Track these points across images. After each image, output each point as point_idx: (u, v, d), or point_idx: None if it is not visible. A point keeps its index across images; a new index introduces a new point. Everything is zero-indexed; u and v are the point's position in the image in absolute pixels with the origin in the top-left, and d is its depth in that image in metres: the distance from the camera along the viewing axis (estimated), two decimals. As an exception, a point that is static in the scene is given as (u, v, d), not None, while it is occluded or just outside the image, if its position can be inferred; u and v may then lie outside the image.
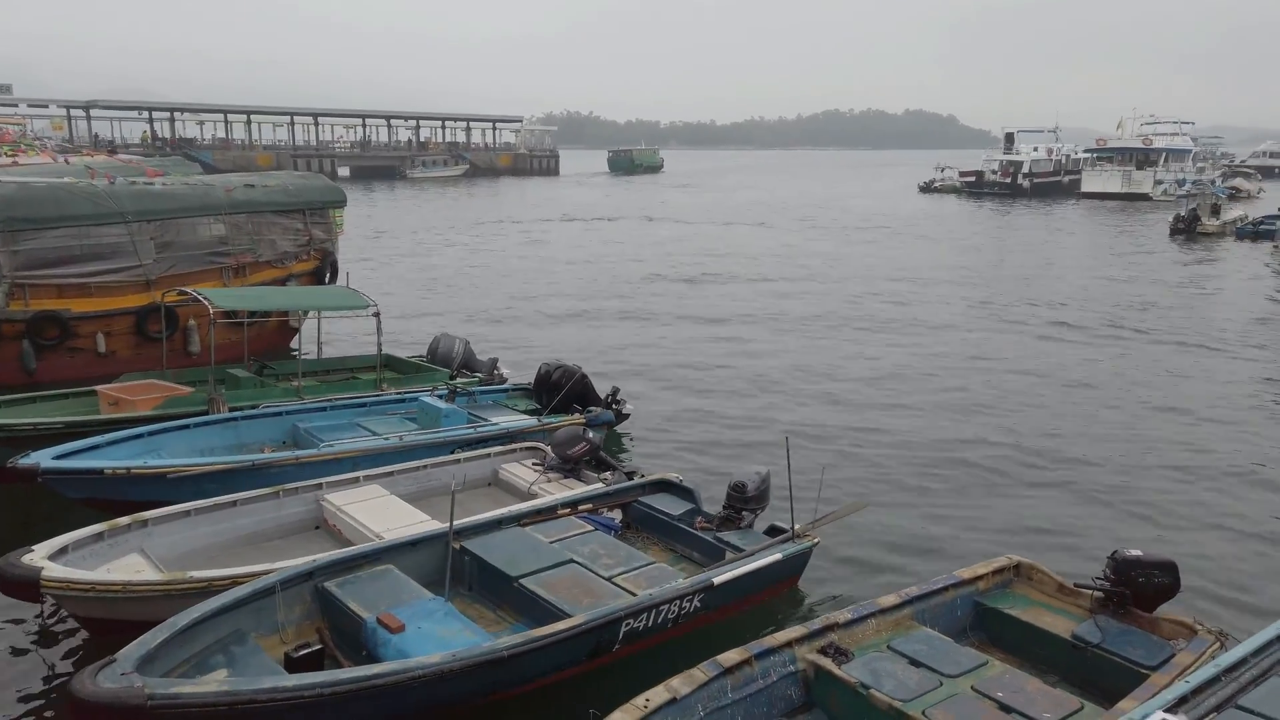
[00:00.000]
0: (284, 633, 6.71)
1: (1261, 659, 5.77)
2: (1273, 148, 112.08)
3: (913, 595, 6.90)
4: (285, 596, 6.74)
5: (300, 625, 6.85)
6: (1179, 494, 11.10)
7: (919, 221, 52.32)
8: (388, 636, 6.18)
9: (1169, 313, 23.57)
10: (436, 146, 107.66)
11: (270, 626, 6.67)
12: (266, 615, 6.68)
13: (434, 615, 6.47)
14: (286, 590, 6.77)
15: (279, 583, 6.72)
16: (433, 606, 6.59)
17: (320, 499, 8.81)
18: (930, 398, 15.27)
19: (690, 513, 8.76)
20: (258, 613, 6.63)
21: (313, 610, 6.93)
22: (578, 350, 18.00)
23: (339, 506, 8.57)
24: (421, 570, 7.39)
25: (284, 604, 6.73)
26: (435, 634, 6.19)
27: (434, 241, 39.06)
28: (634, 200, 68.46)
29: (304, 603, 6.92)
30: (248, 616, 6.56)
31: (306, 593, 6.94)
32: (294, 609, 6.85)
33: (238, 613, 6.48)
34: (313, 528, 8.80)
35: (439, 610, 6.55)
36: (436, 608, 6.58)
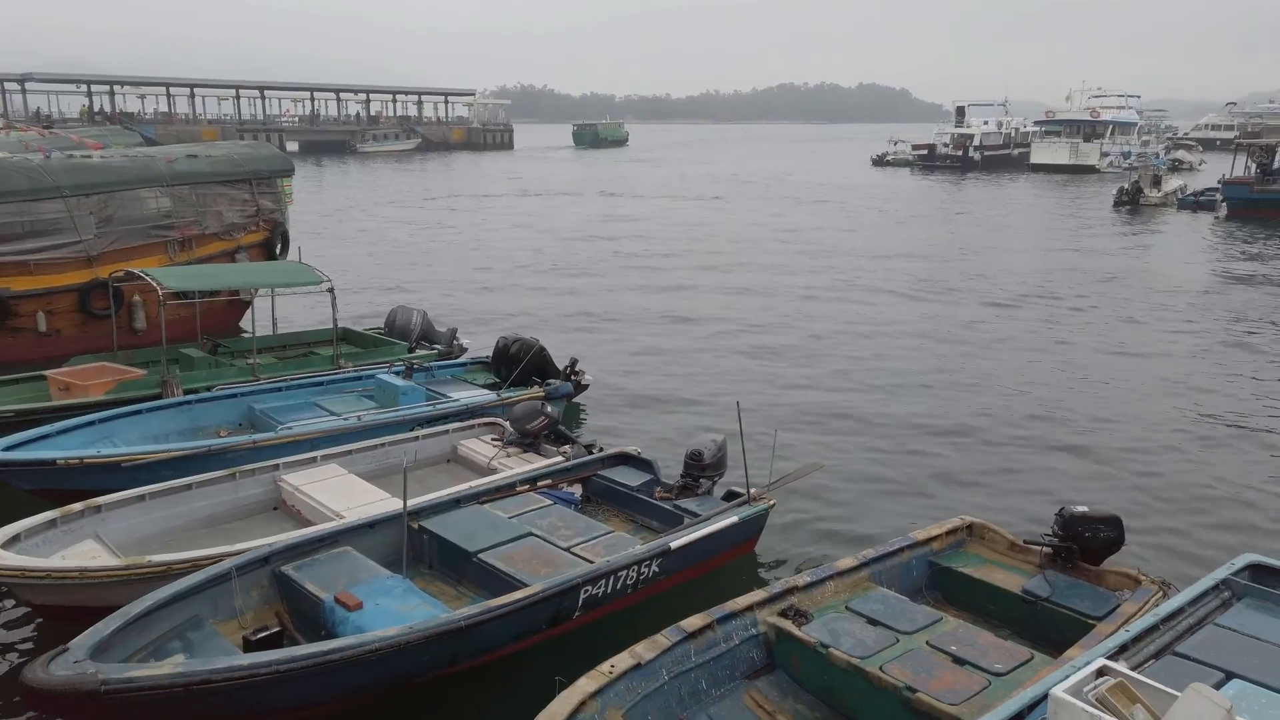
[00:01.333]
0: (242, 618, 6.64)
1: (1198, 608, 6.02)
2: (1215, 120, 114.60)
3: (869, 557, 7.05)
4: (242, 581, 6.68)
5: (259, 610, 6.79)
6: (1123, 454, 11.42)
7: (871, 195, 52.79)
8: (346, 615, 6.16)
9: (1110, 284, 24.13)
10: (388, 120, 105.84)
11: (228, 611, 6.61)
12: (224, 600, 6.61)
13: (392, 592, 6.45)
14: (243, 575, 6.70)
15: (235, 568, 6.65)
16: (391, 584, 6.58)
17: (278, 480, 8.71)
18: (881, 365, 15.51)
19: (649, 483, 8.83)
20: (215, 599, 6.56)
21: (271, 594, 6.88)
22: (538, 322, 17.95)
23: (297, 487, 8.48)
24: (380, 551, 7.36)
25: (241, 589, 6.66)
26: (394, 610, 6.19)
27: (388, 216, 38.51)
28: (591, 175, 68.08)
29: (261, 587, 6.86)
30: (204, 602, 6.48)
31: (264, 577, 6.88)
32: (251, 593, 6.79)
33: (194, 599, 6.40)
34: (271, 509, 8.70)
35: (398, 587, 6.54)
36: (395, 585, 6.57)
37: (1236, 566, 6.50)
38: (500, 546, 7.31)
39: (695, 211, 41.93)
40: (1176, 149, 78.18)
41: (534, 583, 6.62)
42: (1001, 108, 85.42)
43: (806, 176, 67.38)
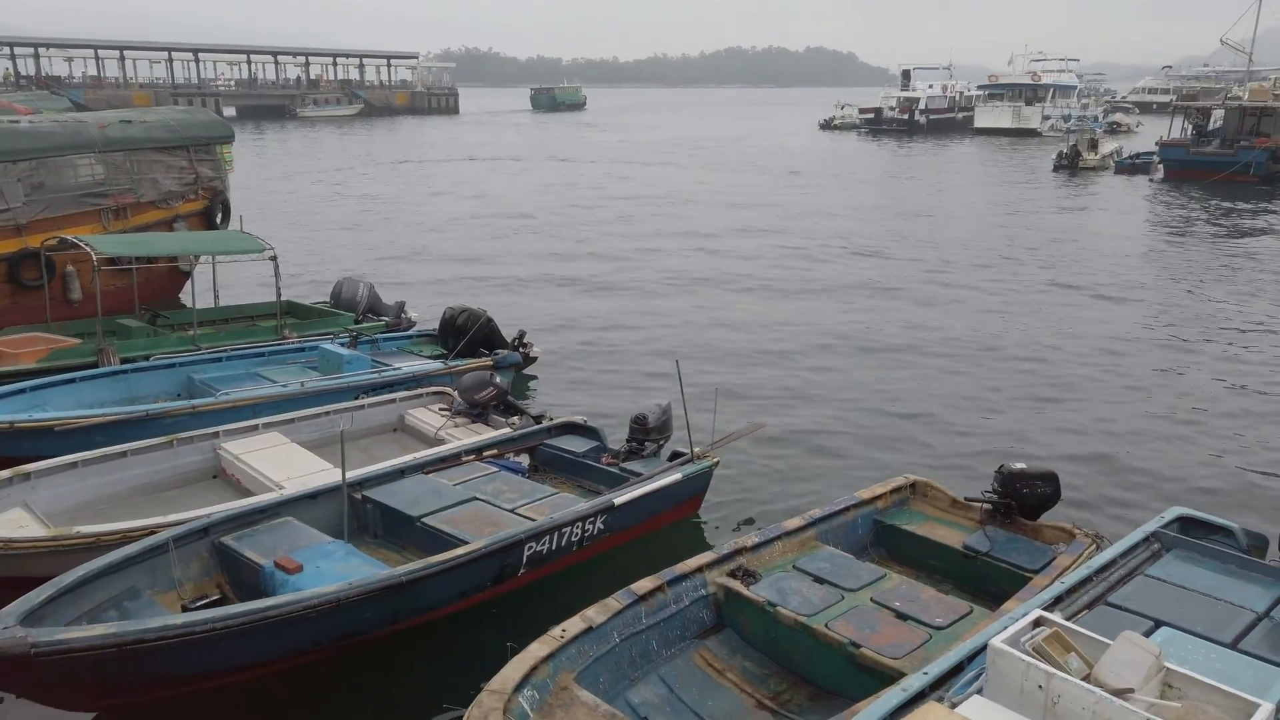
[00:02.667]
0: (181, 589, 6.53)
1: (1129, 560, 6.25)
2: (1152, 84, 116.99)
3: (816, 517, 7.17)
4: (181, 553, 6.55)
5: (199, 581, 6.68)
6: (1060, 412, 11.74)
7: (819, 159, 53.01)
8: (286, 577, 6.09)
9: (1048, 246, 24.62)
10: (328, 84, 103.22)
11: (166, 583, 6.49)
12: (161, 572, 6.48)
13: (334, 555, 6.40)
14: (181, 547, 6.57)
15: (172, 539, 6.52)
16: (332, 548, 6.53)
17: (217, 447, 8.54)
18: (823, 327, 15.67)
19: (596, 450, 8.85)
20: (152, 570, 6.43)
21: (211, 566, 6.78)
22: (487, 293, 17.78)
23: (237, 455, 8.32)
24: (322, 521, 7.28)
25: (179, 560, 6.54)
26: (334, 571, 6.14)
27: (331, 183, 37.68)
28: (539, 139, 67.25)
29: (201, 558, 6.75)
30: (141, 574, 6.36)
31: (203, 549, 6.77)
32: (190, 565, 6.67)
33: (130, 570, 6.27)
34: (210, 477, 8.53)
35: (339, 551, 6.49)
36: (336, 549, 6.52)
37: (1166, 519, 6.75)
38: (444, 510, 7.29)
39: (650, 177, 41.71)
40: (1114, 112, 79.81)
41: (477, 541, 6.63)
42: (946, 71, 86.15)
43: (760, 141, 67.40)
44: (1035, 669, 4.33)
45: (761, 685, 5.86)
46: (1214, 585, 5.90)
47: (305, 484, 7.55)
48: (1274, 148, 40.29)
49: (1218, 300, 18.14)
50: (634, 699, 5.61)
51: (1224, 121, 43.95)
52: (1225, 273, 20.96)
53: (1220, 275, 20.67)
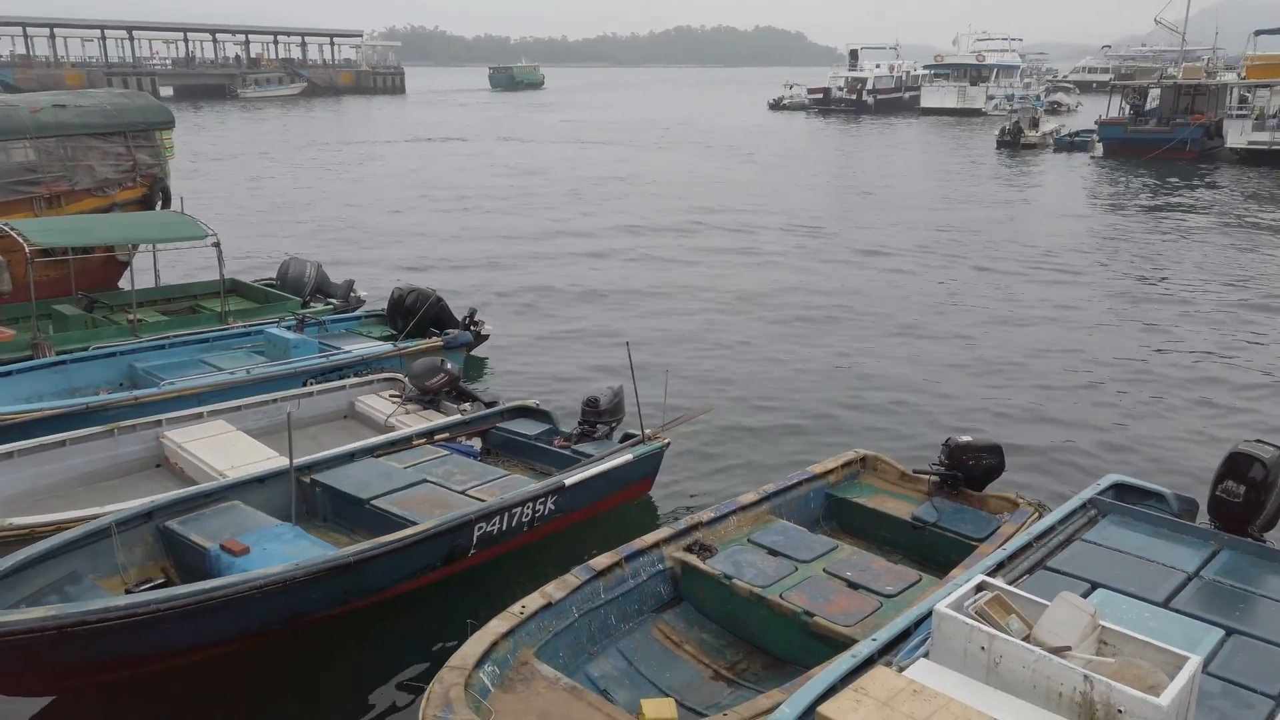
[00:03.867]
0: (125, 574, 6.44)
1: (1067, 526, 6.47)
2: (1091, 63, 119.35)
3: (770, 491, 7.30)
4: (124, 538, 6.45)
5: (143, 566, 6.59)
6: (1004, 385, 12.04)
7: (768, 139, 53.27)
8: (232, 560, 6.04)
9: (989, 224, 25.12)
10: (270, 63, 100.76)
11: (109, 568, 6.39)
12: (104, 557, 6.38)
13: (281, 538, 6.36)
14: (124, 531, 6.47)
15: (115, 523, 6.42)
16: (280, 531, 6.48)
17: (160, 436, 8.39)
18: (772, 308, 15.83)
19: (548, 433, 8.87)
20: (94, 555, 6.33)
21: (155, 550, 6.69)
22: (437, 272, 17.62)
23: (180, 444, 8.17)
24: (270, 505, 7.21)
25: (123, 545, 6.44)
26: (282, 553, 6.11)
27: (276, 165, 36.91)
28: (488, 119, 66.49)
29: (145, 543, 6.65)
30: (83, 559, 6.25)
31: (147, 533, 6.67)
32: (134, 550, 6.57)
33: (71, 555, 6.17)
34: (153, 466, 8.38)
35: (287, 534, 6.45)
36: (284, 531, 6.47)
37: (1102, 486, 6.99)
38: (394, 493, 7.27)
39: (603, 157, 41.53)
40: (1055, 91, 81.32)
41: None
42: (893, 51, 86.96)
43: (712, 121, 67.48)
44: (978, 631, 4.48)
45: (718, 656, 5.98)
46: (1147, 548, 6.15)
47: (252, 472, 7.45)
48: (1207, 125, 41.50)
49: (1150, 275, 18.69)
50: (593, 672, 5.69)
51: (1160, 100, 45.15)
52: (1158, 247, 21.59)
53: (1153, 250, 21.29)
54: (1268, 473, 6.22)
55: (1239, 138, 39.65)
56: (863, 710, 4.16)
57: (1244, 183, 33.98)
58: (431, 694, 4.74)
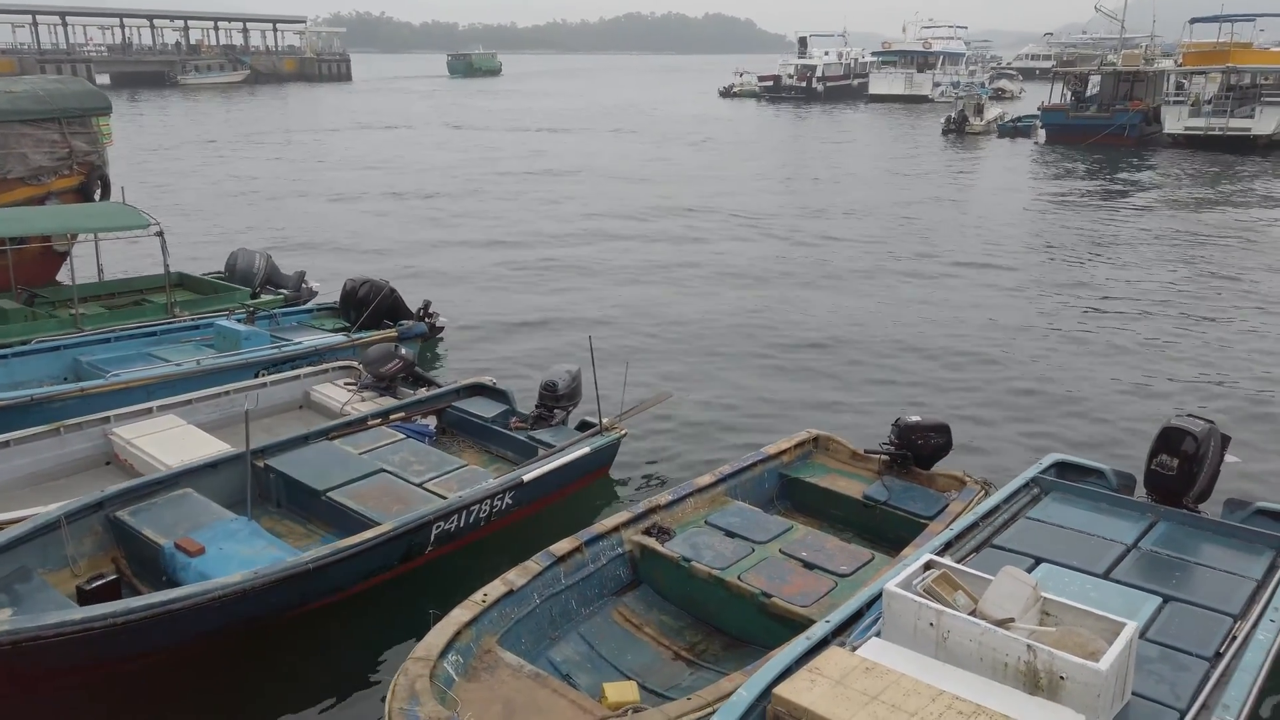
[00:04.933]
0: (75, 566, 6.32)
1: (1012, 504, 6.70)
2: (1034, 50, 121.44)
3: (725, 473, 7.42)
4: (73, 529, 6.34)
5: (94, 558, 6.49)
6: (951, 366, 12.29)
7: (720, 127, 53.43)
8: (187, 560, 5.98)
9: (934, 209, 25.55)
10: (210, 50, 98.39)
11: (59, 561, 6.27)
12: (54, 550, 6.27)
13: (237, 535, 6.29)
14: (74, 523, 6.37)
15: (64, 515, 6.31)
16: (235, 526, 6.40)
17: (108, 432, 8.21)
18: (725, 296, 15.92)
19: (504, 414, 8.86)
20: (43, 548, 6.22)
21: (106, 541, 6.59)
22: (390, 264, 17.43)
23: (129, 440, 8.00)
24: (224, 492, 7.11)
25: (72, 537, 6.33)
26: (238, 554, 6.05)
27: (220, 154, 36.11)
28: (439, 106, 65.68)
29: (95, 534, 6.55)
30: (32, 553, 6.13)
31: (98, 524, 6.56)
32: (84, 542, 6.47)
33: (20, 550, 6.06)
34: (102, 464, 8.20)
35: (242, 530, 6.38)
36: (239, 528, 6.40)
37: (1044, 464, 7.23)
38: (350, 484, 7.21)
39: (558, 144, 41.32)
40: (999, 78, 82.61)
41: (385, 520, 6.59)
42: (841, 38, 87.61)
43: (667, 107, 67.50)
44: (926, 608, 4.63)
45: (678, 637, 6.08)
46: (1088, 523, 6.38)
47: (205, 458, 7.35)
48: (1146, 111, 42.57)
49: (1090, 258, 19.17)
50: (556, 658, 5.75)
51: (1100, 86, 46.16)
52: (1098, 231, 22.14)
53: (1093, 233, 21.83)
54: (1199, 446, 6.49)
55: (1176, 123, 40.73)
56: (817, 690, 4.29)
57: (1180, 167, 34.96)
58: (397, 686, 4.76)
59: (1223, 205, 25.91)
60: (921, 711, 4.06)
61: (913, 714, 4.04)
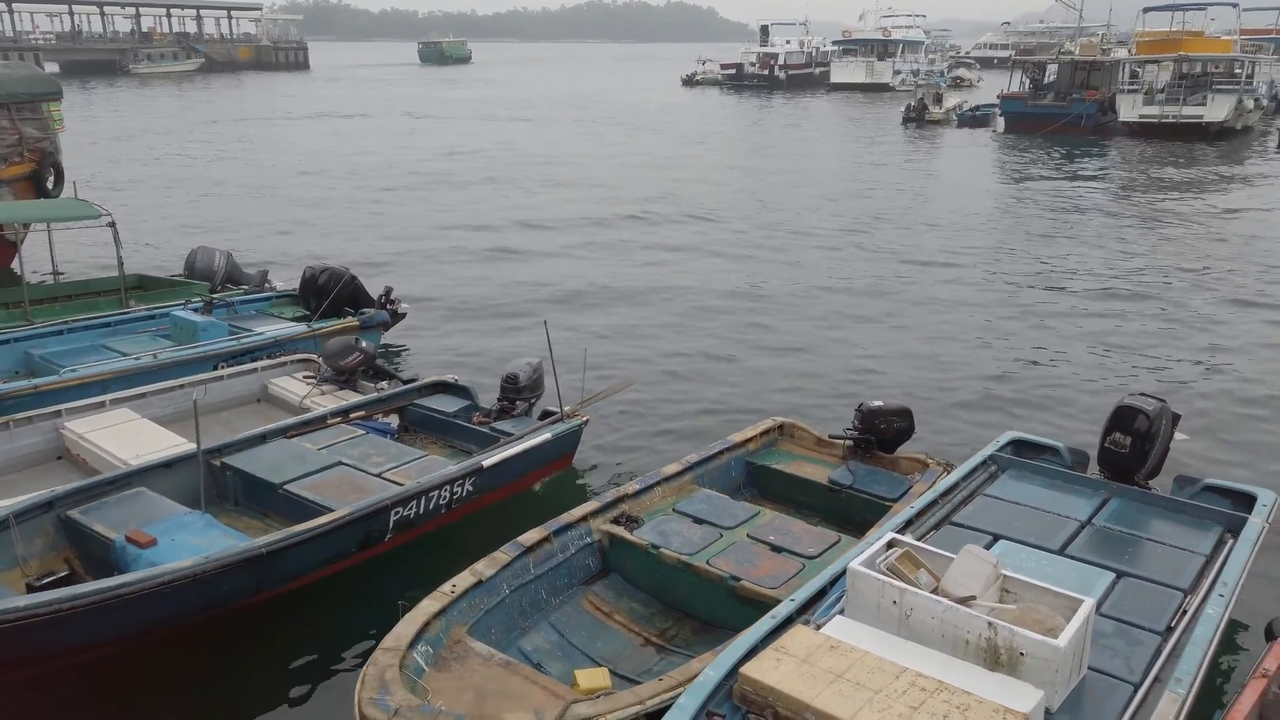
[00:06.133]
0: (26, 565, 6.22)
1: (970, 482, 6.82)
2: (992, 39, 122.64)
3: (692, 461, 7.46)
4: (23, 529, 6.24)
5: (44, 557, 6.38)
6: (911, 351, 12.44)
7: (683, 116, 53.44)
8: (138, 552, 5.90)
9: (894, 196, 25.79)
10: (163, 38, 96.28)
11: (8, 561, 6.17)
12: (3, 550, 6.17)
13: (190, 527, 6.22)
14: (23, 523, 6.26)
15: (13, 514, 6.21)
16: (189, 520, 6.33)
17: (60, 427, 8.05)
18: (687, 284, 15.95)
19: (467, 409, 8.81)
20: None
21: (57, 541, 6.48)
22: (351, 253, 17.23)
23: (81, 434, 7.85)
24: (178, 491, 7.01)
25: (22, 537, 6.22)
26: (190, 544, 5.98)
27: (175, 145, 35.40)
28: (400, 97, 64.89)
29: (46, 534, 6.44)
30: None
31: (48, 524, 6.45)
32: (35, 541, 6.36)
33: None
34: (54, 459, 8.05)
35: (196, 522, 6.30)
36: (193, 520, 6.33)
37: (1001, 442, 7.37)
38: (308, 477, 7.15)
39: (521, 134, 41.04)
40: (958, 67, 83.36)
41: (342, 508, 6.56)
42: (803, 27, 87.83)
43: (631, 96, 67.31)
44: (889, 586, 4.71)
45: (648, 624, 6.11)
46: (1043, 500, 6.52)
47: (158, 457, 7.24)
48: (1101, 99, 43.25)
49: (1046, 243, 19.45)
50: (526, 647, 5.75)
51: (1057, 75, 46.82)
52: (1055, 217, 22.47)
53: (1049, 219, 22.16)
54: (1151, 424, 6.64)
55: (1130, 111, 41.41)
56: (783, 668, 4.34)
57: (1135, 154, 35.60)
58: (366, 676, 4.74)
59: (1176, 192, 26.42)
60: (885, 689, 4.13)
61: (877, 691, 4.11)
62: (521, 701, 4.83)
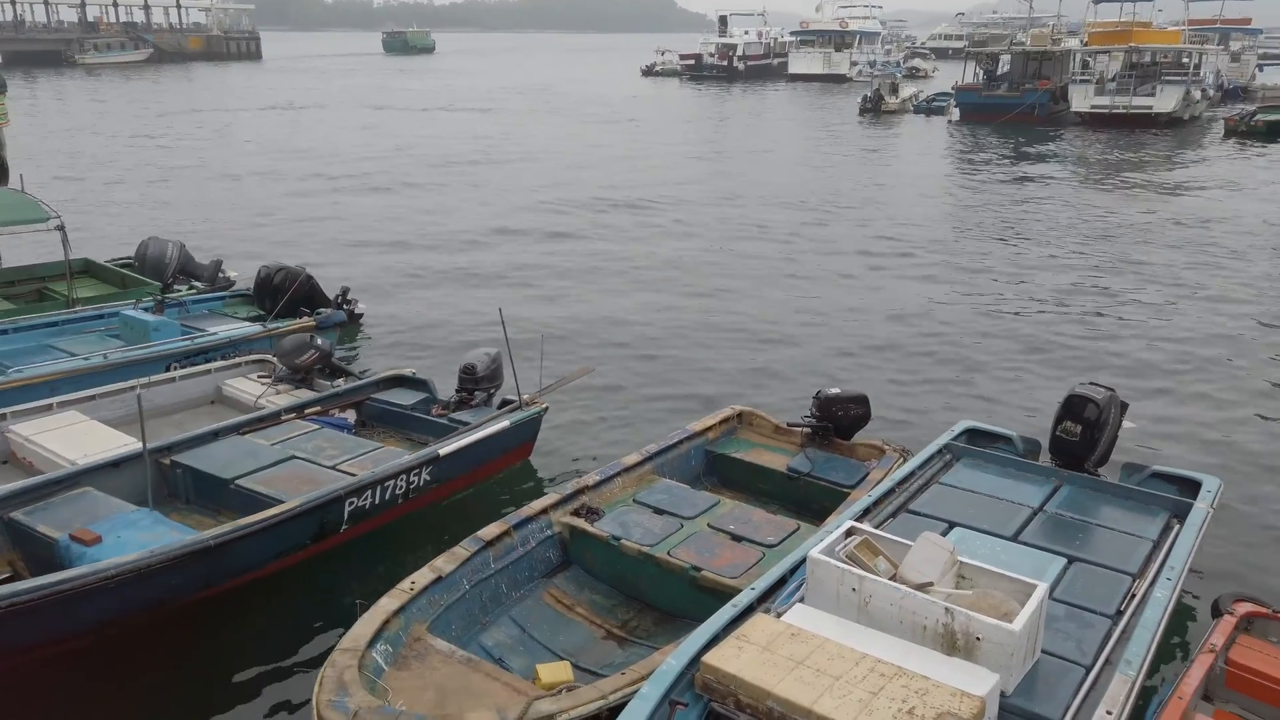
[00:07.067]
0: None
1: (926, 471, 6.92)
2: (947, 30, 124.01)
3: (652, 452, 7.47)
4: None
5: None
6: (867, 340, 12.57)
7: (643, 106, 53.35)
8: (83, 550, 5.79)
9: (854, 188, 26.02)
10: (109, 27, 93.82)
11: None
12: None
13: (138, 524, 6.12)
14: None
15: None
16: (136, 517, 6.23)
17: (5, 431, 7.85)
18: (642, 271, 15.99)
19: (425, 402, 8.75)
20: None
21: (2, 544, 6.35)
22: (306, 250, 16.99)
23: (27, 437, 7.66)
24: (127, 490, 6.87)
25: None
26: (137, 540, 5.88)
27: (124, 137, 34.56)
28: (354, 87, 63.96)
29: None
30: None
31: None
32: None
33: None
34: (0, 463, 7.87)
35: (144, 519, 6.20)
36: (140, 517, 6.22)
37: (956, 431, 7.48)
38: (260, 471, 7.06)
39: (481, 125, 40.67)
40: (913, 58, 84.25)
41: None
42: (761, 18, 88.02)
43: (591, 87, 66.93)
44: (849, 574, 4.76)
45: (609, 616, 6.12)
46: (997, 487, 6.64)
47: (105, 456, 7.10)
48: (1054, 89, 43.95)
49: (1000, 232, 19.76)
50: (487, 642, 5.73)
51: (1010, 66, 47.49)
52: (1008, 206, 22.82)
53: (1003, 209, 22.49)
54: (1101, 412, 6.79)
55: (1082, 101, 42.12)
56: (744, 656, 4.37)
57: (1086, 144, 36.24)
58: (324, 678, 4.69)
59: (1126, 183, 26.94)
60: (845, 675, 4.18)
61: (837, 677, 4.16)
62: (483, 699, 4.81)
